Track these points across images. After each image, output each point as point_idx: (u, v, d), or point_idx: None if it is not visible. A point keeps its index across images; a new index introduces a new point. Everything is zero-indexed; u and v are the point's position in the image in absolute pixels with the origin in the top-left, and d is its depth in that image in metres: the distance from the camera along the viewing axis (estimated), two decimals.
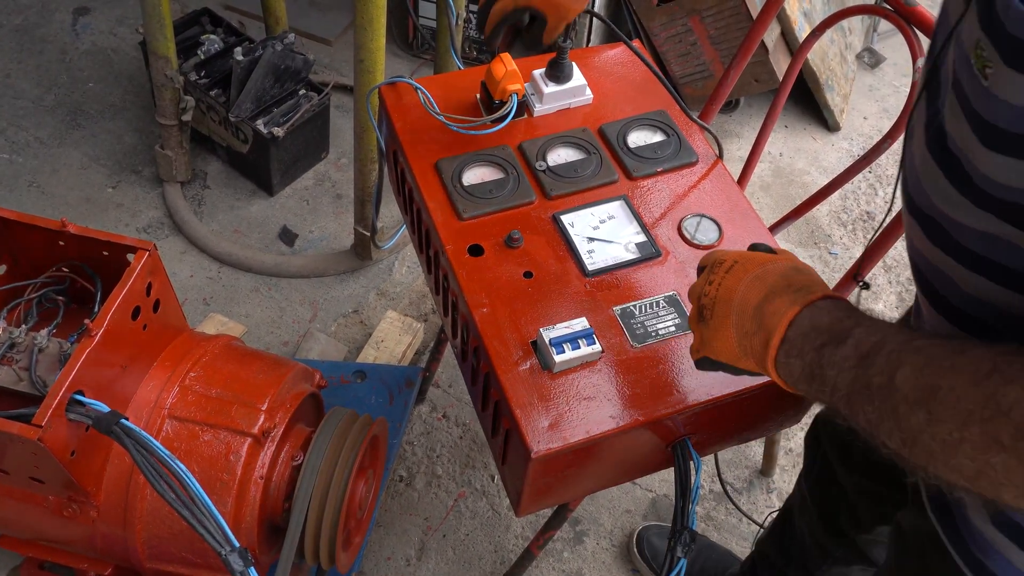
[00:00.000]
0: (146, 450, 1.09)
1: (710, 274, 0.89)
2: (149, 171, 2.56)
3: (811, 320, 0.76)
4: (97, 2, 3.06)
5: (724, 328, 0.85)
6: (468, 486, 2.02)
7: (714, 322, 0.86)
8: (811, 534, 1.45)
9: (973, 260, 0.72)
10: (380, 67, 1.92)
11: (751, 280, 0.84)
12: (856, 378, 0.69)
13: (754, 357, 0.82)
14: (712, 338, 0.87)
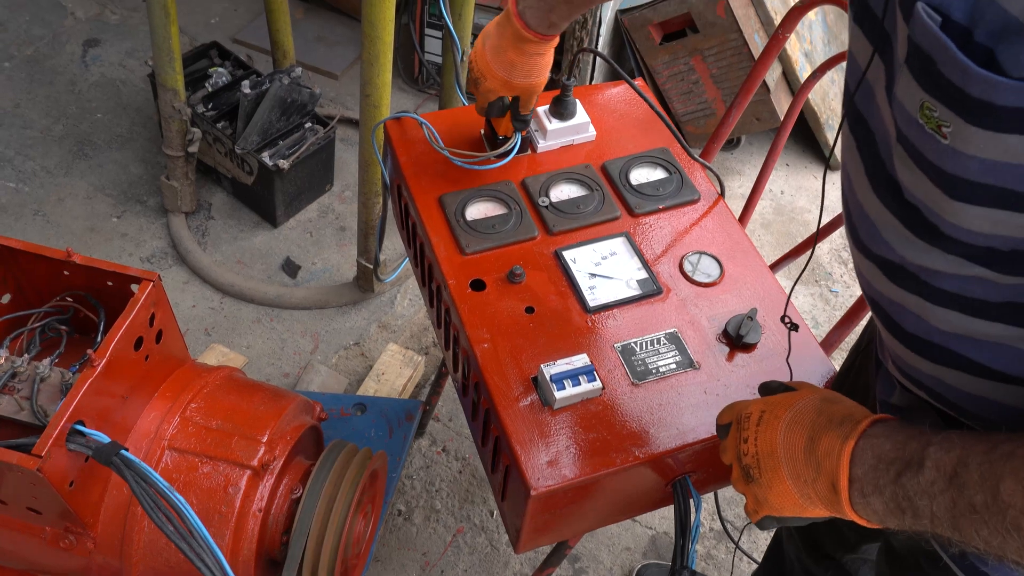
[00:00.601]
0: (145, 482, 1.09)
1: (741, 431, 0.87)
2: (154, 201, 2.58)
3: (873, 452, 0.74)
4: (107, 34, 3.10)
5: (779, 482, 0.82)
6: (467, 521, 2.00)
7: (765, 479, 0.84)
8: (798, 560, 1.45)
9: (945, 298, 0.73)
10: (386, 102, 1.94)
11: (788, 425, 0.82)
12: (954, 503, 0.67)
13: (823, 502, 0.79)
14: (769, 496, 0.84)
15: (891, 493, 0.71)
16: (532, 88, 1.27)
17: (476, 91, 1.29)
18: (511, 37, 1.20)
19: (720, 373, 1.17)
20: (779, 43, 1.71)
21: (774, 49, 1.72)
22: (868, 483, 0.74)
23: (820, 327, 2.50)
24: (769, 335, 1.22)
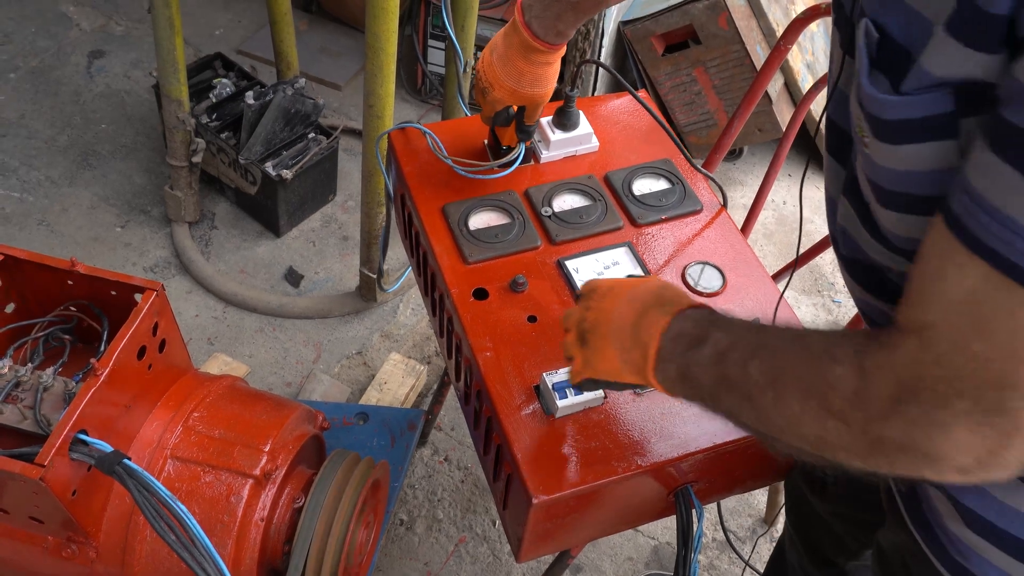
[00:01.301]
0: (147, 491, 1.09)
1: (588, 301, 0.96)
2: (158, 211, 2.59)
3: (679, 328, 0.84)
4: (112, 46, 3.12)
5: (606, 348, 0.92)
6: (469, 531, 2.00)
7: (596, 344, 0.93)
8: (800, 567, 1.44)
9: None
10: (389, 112, 1.95)
11: (625, 301, 0.91)
12: (717, 374, 0.78)
13: (635, 369, 0.88)
14: (594, 359, 0.94)
15: (679, 363, 0.82)
16: (538, 98, 1.27)
17: (483, 101, 1.29)
18: (518, 47, 1.21)
19: None
20: (781, 54, 1.71)
21: (776, 60, 1.73)
22: (666, 353, 0.84)
23: None
24: None
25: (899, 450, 0.64)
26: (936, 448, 0.62)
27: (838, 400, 0.67)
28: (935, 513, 0.88)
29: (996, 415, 0.58)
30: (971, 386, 0.59)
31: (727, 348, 0.78)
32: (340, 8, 3.23)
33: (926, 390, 0.61)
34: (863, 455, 0.67)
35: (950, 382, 0.60)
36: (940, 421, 0.61)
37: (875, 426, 0.65)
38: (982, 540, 0.82)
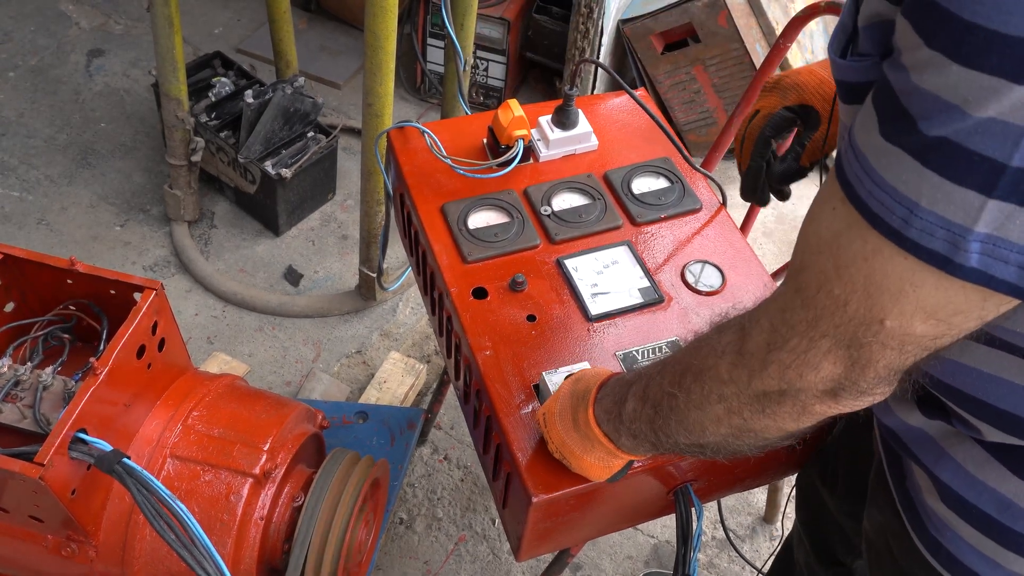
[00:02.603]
0: (147, 490, 1.09)
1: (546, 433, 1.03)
2: (157, 210, 2.59)
3: (603, 409, 0.92)
4: (111, 44, 3.11)
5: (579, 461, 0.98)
6: (469, 530, 2.00)
7: (573, 464, 1.00)
8: (807, 565, 1.44)
9: None
10: (388, 111, 1.95)
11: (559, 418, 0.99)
12: (648, 414, 0.85)
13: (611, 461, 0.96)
14: (584, 471, 0.99)
15: (624, 431, 0.89)
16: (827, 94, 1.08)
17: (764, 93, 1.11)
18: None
19: None
20: (780, 53, 1.71)
21: (775, 59, 1.72)
22: (612, 431, 0.91)
23: None
24: None
25: (780, 397, 0.70)
26: (807, 384, 0.67)
27: (725, 366, 0.73)
28: (916, 489, 0.90)
29: (853, 347, 0.64)
30: (831, 326, 0.64)
31: (644, 388, 0.85)
32: (339, 7, 3.23)
33: (794, 334, 0.66)
34: (755, 417, 0.73)
35: (814, 323, 0.65)
36: (808, 361, 0.66)
37: (756, 381, 0.70)
38: (953, 514, 0.84)
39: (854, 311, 0.62)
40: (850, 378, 0.66)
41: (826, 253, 0.63)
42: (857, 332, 0.63)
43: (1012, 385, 0.72)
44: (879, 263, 0.59)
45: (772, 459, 1.23)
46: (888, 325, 0.61)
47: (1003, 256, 0.53)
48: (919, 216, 0.55)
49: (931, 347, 0.64)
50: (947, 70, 0.50)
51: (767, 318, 0.69)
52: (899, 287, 0.59)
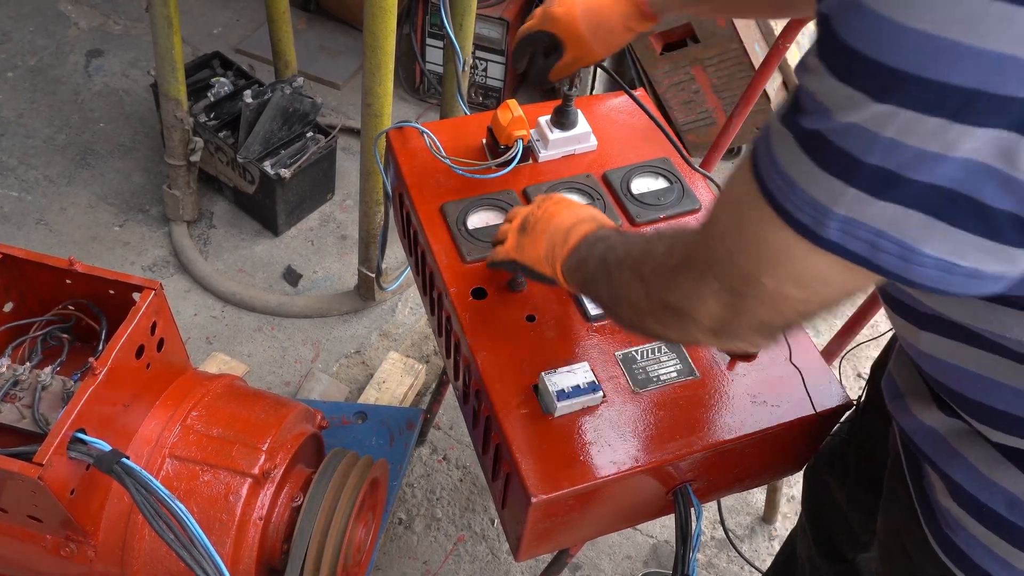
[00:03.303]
0: (146, 490, 1.09)
1: (541, 203, 1.12)
2: (156, 210, 2.59)
3: (594, 236, 1.01)
4: (110, 45, 3.11)
5: (539, 240, 1.08)
6: (468, 530, 2.00)
7: (532, 234, 1.09)
8: (810, 559, 1.45)
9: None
10: (387, 111, 1.95)
11: (570, 212, 1.08)
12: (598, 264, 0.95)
13: (551, 261, 1.06)
14: (527, 245, 1.10)
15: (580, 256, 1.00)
16: (587, 49, 1.20)
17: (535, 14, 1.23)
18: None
19: (721, 382, 1.17)
20: (779, 53, 1.72)
21: (774, 59, 1.73)
22: (574, 251, 1.02)
23: (821, 335, 2.50)
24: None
25: (674, 314, 0.81)
26: (695, 312, 0.78)
27: (648, 267, 0.85)
28: (931, 488, 0.92)
29: (735, 295, 0.73)
30: (721, 271, 0.73)
31: (612, 245, 0.95)
32: (338, 7, 3.23)
33: (696, 267, 0.77)
34: (654, 315, 0.84)
35: (710, 264, 0.75)
36: (700, 293, 0.76)
37: (663, 292, 0.81)
38: (965, 513, 0.86)
39: (740, 265, 0.71)
40: (728, 320, 0.75)
41: (730, 210, 0.73)
42: (739, 284, 0.72)
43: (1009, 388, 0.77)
44: (765, 229, 0.67)
45: (773, 460, 1.23)
46: (766, 284, 0.70)
47: (856, 234, 0.62)
48: (795, 193, 0.64)
49: (802, 311, 0.73)
50: (825, 78, 0.58)
51: (683, 244, 0.80)
52: (778, 253, 0.67)
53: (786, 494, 2.12)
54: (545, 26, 1.21)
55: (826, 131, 0.60)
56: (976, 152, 0.55)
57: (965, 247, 0.60)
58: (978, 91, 0.53)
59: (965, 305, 0.76)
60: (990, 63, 0.52)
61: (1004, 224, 0.58)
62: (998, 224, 0.58)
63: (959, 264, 0.61)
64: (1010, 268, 0.62)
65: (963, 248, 0.60)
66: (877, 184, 0.59)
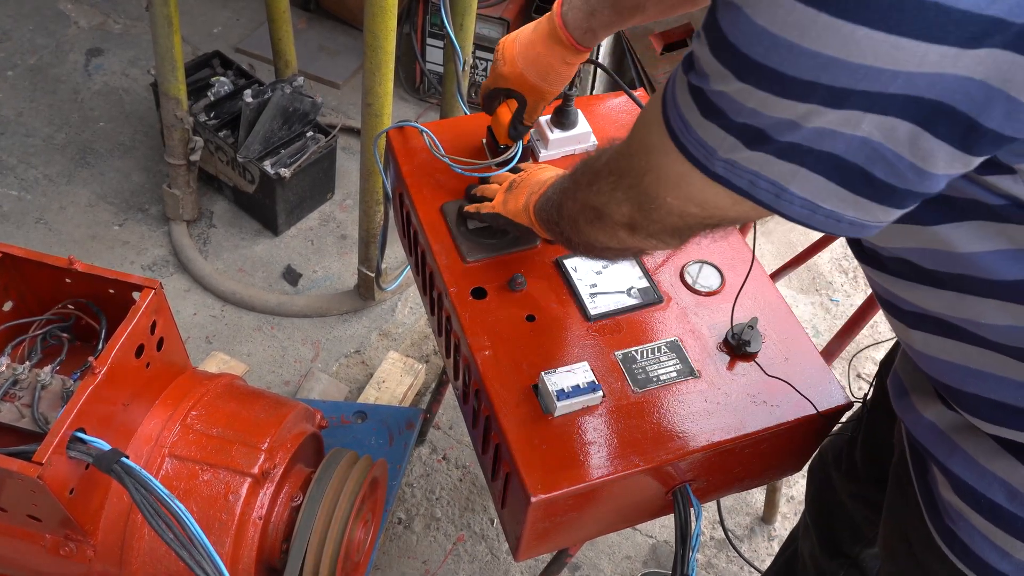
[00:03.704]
0: (145, 489, 1.09)
1: (526, 171, 1.26)
2: (156, 210, 2.59)
3: (562, 179, 1.08)
4: (110, 44, 3.11)
5: (520, 194, 1.19)
6: (467, 529, 2.00)
7: (516, 191, 1.20)
8: (812, 557, 1.45)
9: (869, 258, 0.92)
10: (387, 111, 1.95)
11: (549, 171, 1.22)
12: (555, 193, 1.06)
13: (526, 208, 1.16)
14: (510, 200, 1.20)
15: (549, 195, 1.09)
16: (541, 93, 1.26)
17: (493, 76, 1.30)
18: (545, 33, 1.21)
19: (721, 381, 1.17)
20: None
21: None
22: (541, 197, 1.11)
23: (821, 336, 2.50)
24: (770, 344, 1.22)
25: (596, 213, 0.92)
26: (612, 213, 0.89)
27: (580, 171, 0.97)
28: (934, 482, 0.94)
29: (644, 206, 0.84)
30: (632, 183, 0.84)
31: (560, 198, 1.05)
32: (339, 6, 3.23)
33: (614, 174, 0.88)
34: (584, 215, 0.95)
35: (624, 174, 0.86)
36: (616, 196, 0.87)
37: (587, 191, 0.93)
38: (966, 506, 0.88)
39: (648, 183, 0.82)
40: (640, 221, 0.87)
41: (643, 133, 0.81)
42: (645, 199, 0.83)
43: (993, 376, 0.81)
44: (669, 158, 0.76)
45: (772, 460, 1.23)
46: (670, 202, 0.80)
47: (738, 173, 0.71)
48: (689, 132, 0.73)
49: (705, 224, 0.82)
50: (705, 50, 0.68)
51: (609, 155, 0.90)
52: (678, 178, 0.77)
53: (785, 494, 2.12)
54: (499, 84, 1.28)
55: (706, 91, 0.69)
56: (827, 123, 0.63)
57: (824, 192, 0.69)
58: (815, 83, 0.61)
59: (940, 297, 0.81)
60: (820, 62, 0.60)
61: (856, 177, 0.66)
62: (851, 176, 0.67)
63: (820, 206, 0.70)
64: (866, 216, 0.70)
65: (823, 193, 0.69)
66: (748, 137, 0.68)
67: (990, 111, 0.60)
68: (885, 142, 0.63)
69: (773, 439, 1.15)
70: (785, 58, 0.61)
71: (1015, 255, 0.72)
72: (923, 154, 0.63)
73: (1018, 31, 0.56)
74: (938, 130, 0.62)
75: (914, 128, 0.62)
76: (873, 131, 0.63)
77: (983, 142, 0.62)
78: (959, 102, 0.60)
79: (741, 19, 0.63)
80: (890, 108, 0.61)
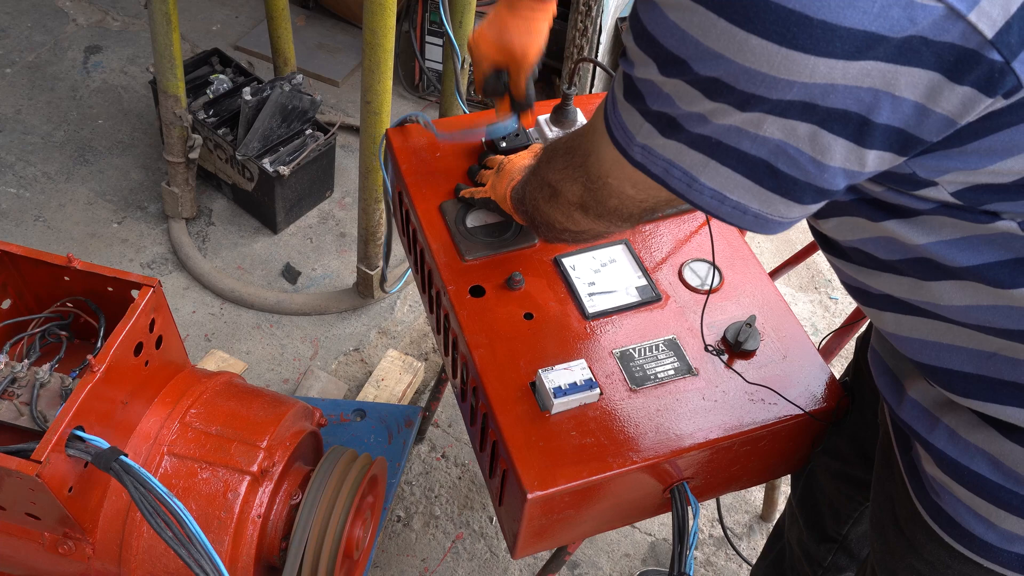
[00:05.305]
0: (144, 487, 1.09)
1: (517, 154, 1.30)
2: (155, 207, 2.59)
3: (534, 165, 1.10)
4: (109, 41, 3.11)
5: (505, 176, 1.23)
6: (466, 527, 2.00)
7: (502, 174, 1.24)
8: (799, 543, 1.45)
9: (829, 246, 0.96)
10: (386, 109, 1.95)
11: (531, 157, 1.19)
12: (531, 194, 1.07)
13: (507, 190, 1.19)
14: (498, 183, 1.24)
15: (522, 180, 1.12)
16: (522, 50, 1.26)
17: (475, 66, 1.31)
18: (503, 3, 1.24)
19: (718, 380, 1.17)
20: None
21: None
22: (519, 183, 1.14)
23: (820, 334, 2.50)
24: (768, 342, 1.22)
25: (551, 190, 0.97)
26: (565, 191, 0.94)
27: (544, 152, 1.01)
28: (918, 458, 0.96)
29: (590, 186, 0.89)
30: (581, 164, 0.89)
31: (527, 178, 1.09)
32: (337, 4, 3.22)
33: (567, 152, 0.93)
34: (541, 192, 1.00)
35: (574, 151, 0.91)
36: (569, 175, 0.92)
37: (546, 168, 0.98)
38: (948, 478, 0.90)
39: (591, 164, 0.87)
40: (588, 201, 0.91)
41: (596, 117, 0.85)
42: (590, 179, 0.88)
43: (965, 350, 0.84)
44: (604, 139, 0.81)
45: (770, 458, 1.23)
46: (610, 182, 0.86)
47: (654, 160, 0.76)
48: (616, 116, 0.78)
49: (643, 207, 0.87)
50: (630, 39, 0.73)
51: (569, 137, 0.95)
52: (611, 161, 0.82)
53: (784, 492, 2.12)
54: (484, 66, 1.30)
55: (632, 76, 0.74)
56: (733, 122, 0.68)
57: (732, 183, 0.73)
58: (719, 81, 0.66)
59: (900, 283, 0.84)
60: (721, 63, 0.65)
61: (761, 170, 0.71)
62: (757, 169, 0.71)
63: (728, 196, 0.74)
64: (768, 210, 0.75)
65: (730, 184, 0.73)
66: (662, 125, 0.73)
67: (879, 110, 0.64)
68: (787, 140, 0.68)
69: (771, 437, 1.15)
70: (692, 53, 0.66)
71: (960, 243, 0.75)
72: (821, 149, 0.68)
73: (898, 44, 0.60)
74: (835, 127, 0.66)
75: (812, 127, 0.67)
76: (775, 131, 0.68)
77: (875, 136, 0.66)
78: (850, 105, 0.64)
79: (656, 13, 0.68)
80: (789, 112, 0.66)
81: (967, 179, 0.69)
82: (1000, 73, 0.61)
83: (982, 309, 0.79)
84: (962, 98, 0.63)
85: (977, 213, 0.72)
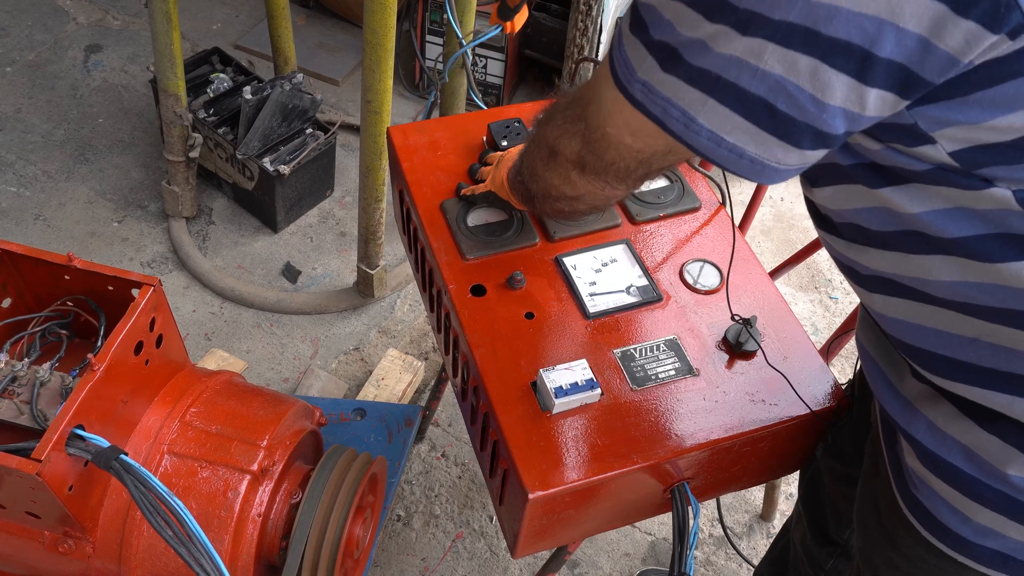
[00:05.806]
0: (144, 486, 1.09)
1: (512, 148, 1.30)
2: (155, 206, 2.59)
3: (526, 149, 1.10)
4: (109, 40, 3.11)
5: (502, 168, 1.23)
6: (466, 527, 2.00)
7: (500, 167, 1.25)
8: (802, 544, 1.45)
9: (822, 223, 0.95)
10: (387, 108, 1.95)
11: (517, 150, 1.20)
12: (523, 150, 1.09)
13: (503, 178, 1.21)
14: (496, 175, 1.25)
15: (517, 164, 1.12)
16: None
17: None
18: None
19: (719, 380, 1.17)
20: None
21: None
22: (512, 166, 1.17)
23: (820, 333, 2.50)
24: (768, 343, 1.22)
25: (549, 150, 0.95)
26: (563, 149, 0.92)
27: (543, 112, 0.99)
28: (901, 451, 0.97)
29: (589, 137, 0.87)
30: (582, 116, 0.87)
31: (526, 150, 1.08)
32: (338, 3, 3.22)
33: (568, 107, 0.91)
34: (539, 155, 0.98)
35: (574, 103, 0.89)
36: (568, 130, 0.90)
37: (545, 127, 0.95)
38: (926, 470, 0.91)
39: (591, 113, 0.86)
40: (586, 157, 0.90)
41: (598, 77, 0.85)
42: (589, 130, 0.87)
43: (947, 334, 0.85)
44: (606, 82, 0.80)
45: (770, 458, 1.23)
46: (609, 132, 0.84)
47: (654, 99, 0.75)
48: (620, 53, 0.77)
49: (640, 159, 0.85)
50: None
51: (572, 91, 0.93)
52: (611, 105, 0.81)
53: (784, 492, 2.12)
54: None
55: (637, 4, 0.74)
56: (734, 50, 0.67)
57: (729, 124, 0.72)
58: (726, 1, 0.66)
59: (887, 258, 0.85)
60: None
61: (759, 108, 0.70)
62: (755, 108, 0.70)
63: (724, 138, 0.73)
64: (765, 154, 0.73)
65: (728, 125, 0.72)
66: (663, 57, 0.72)
67: (882, 42, 0.63)
68: (787, 75, 0.67)
69: (772, 437, 1.15)
70: None
71: (952, 213, 0.75)
72: (822, 85, 0.67)
73: None
74: (836, 62, 0.65)
75: (814, 62, 0.66)
76: (776, 65, 0.67)
77: (878, 71, 0.65)
78: (853, 36, 0.63)
79: None
80: (791, 41, 0.65)
81: (967, 135, 0.69)
82: (1006, 8, 0.61)
83: (968, 286, 0.79)
84: (966, 33, 0.62)
85: (972, 178, 0.72)
